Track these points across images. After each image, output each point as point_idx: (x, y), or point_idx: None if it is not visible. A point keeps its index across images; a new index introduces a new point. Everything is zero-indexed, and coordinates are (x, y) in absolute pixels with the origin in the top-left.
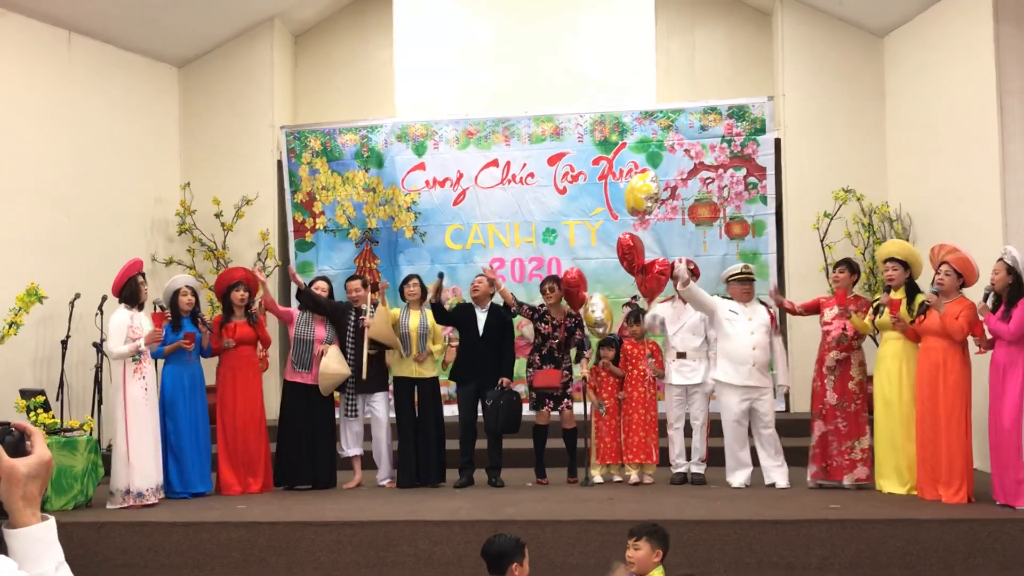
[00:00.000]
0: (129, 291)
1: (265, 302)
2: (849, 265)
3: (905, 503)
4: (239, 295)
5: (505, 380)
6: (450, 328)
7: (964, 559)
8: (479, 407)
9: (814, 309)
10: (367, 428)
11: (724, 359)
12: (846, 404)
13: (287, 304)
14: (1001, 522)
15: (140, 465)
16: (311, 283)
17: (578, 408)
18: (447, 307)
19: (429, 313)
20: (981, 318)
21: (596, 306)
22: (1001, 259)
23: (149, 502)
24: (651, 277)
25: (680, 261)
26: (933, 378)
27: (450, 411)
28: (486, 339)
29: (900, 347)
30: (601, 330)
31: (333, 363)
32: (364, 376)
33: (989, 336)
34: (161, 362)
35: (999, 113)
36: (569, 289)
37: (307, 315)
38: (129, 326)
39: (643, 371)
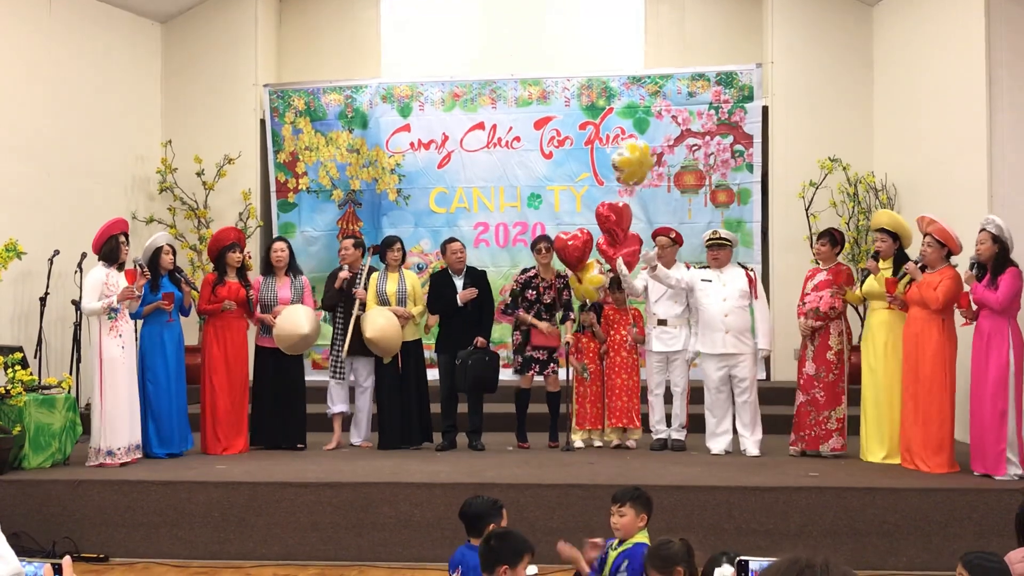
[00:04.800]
0: (108, 249)
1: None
2: (831, 237)
3: (884, 472)
4: (235, 256)
5: (480, 340)
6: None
7: (941, 528)
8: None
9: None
10: (352, 390)
11: (701, 328)
12: (824, 374)
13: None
14: (978, 492)
15: (112, 424)
16: (269, 245)
17: (561, 373)
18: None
19: (408, 275)
20: (967, 288)
21: (601, 273)
22: (985, 229)
23: (121, 461)
24: (630, 253)
25: (646, 253)
26: (914, 347)
27: (432, 374)
28: (465, 306)
29: (886, 317)
30: (602, 293)
31: (285, 323)
32: (345, 351)
33: (975, 307)
34: (140, 322)
35: (988, 84)
36: (576, 252)
37: (270, 279)
38: (104, 283)
39: (624, 337)
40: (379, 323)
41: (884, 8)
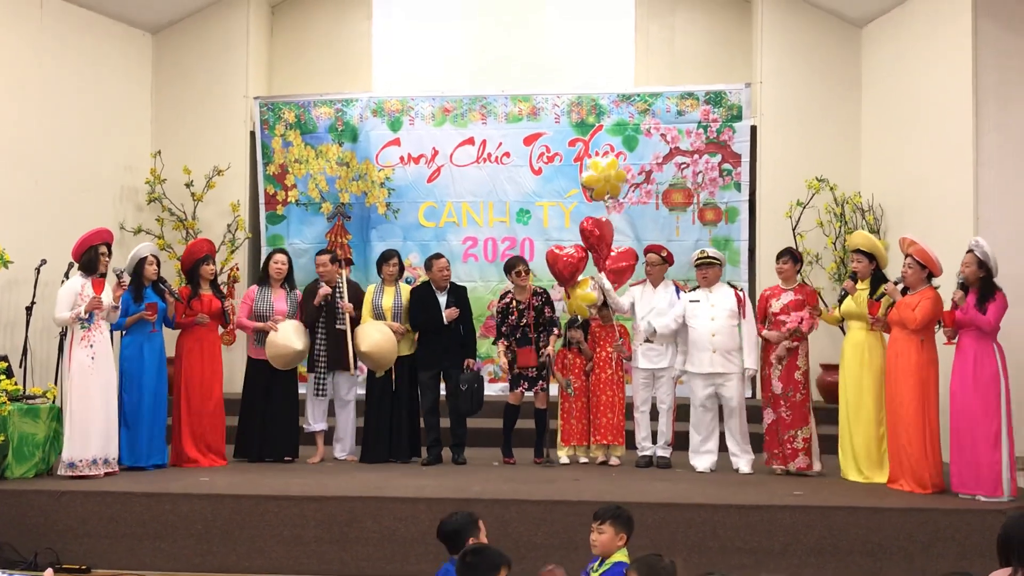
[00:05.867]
0: (87, 259)
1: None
2: (792, 255)
3: (868, 491)
4: (209, 268)
5: (471, 362)
6: None
7: (924, 548)
8: (442, 388)
9: (765, 310)
10: (331, 404)
11: (689, 347)
12: (791, 393)
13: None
14: (961, 512)
15: (76, 436)
16: (269, 256)
17: (551, 390)
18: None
19: (404, 289)
20: (956, 305)
21: (594, 290)
22: (971, 251)
23: (81, 473)
24: (613, 272)
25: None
26: (895, 368)
27: None
28: (448, 324)
29: (863, 337)
30: (593, 311)
31: (280, 338)
32: (353, 369)
33: (947, 327)
34: (122, 332)
35: (974, 107)
36: (566, 270)
37: (265, 290)
38: (79, 294)
39: (610, 353)
40: (375, 337)
41: (872, 30)
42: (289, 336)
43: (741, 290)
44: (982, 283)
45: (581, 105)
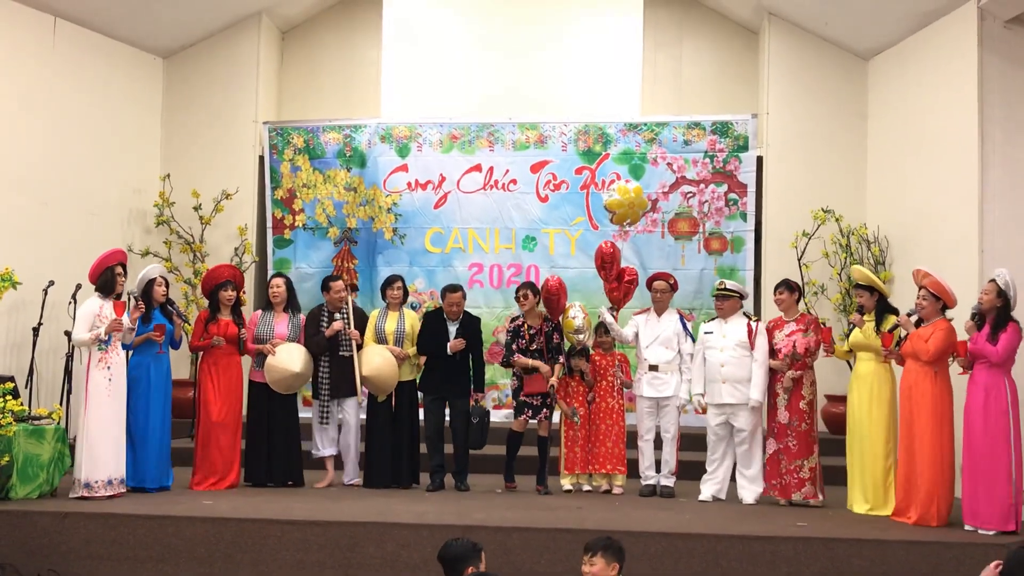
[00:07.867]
0: (104, 280)
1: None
2: (789, 286)
3: (871, 523)
4: (227, 294)
5: (479, 396)
6: None
7: None
8: (446, 414)
9: (770, 341)
10: (339, 429)
11: (706, 378)
12: (796, 423)
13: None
14: (964, 545)
15: (92, 457)
16: (270, 280)
17: (554, 418)
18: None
19: (408, 314)
20: (967, 336)
21: (577, 314)
22: (993, 280)
23: (99, 494)
24: (621, 285)
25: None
26: (908, 400)
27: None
28: (454, 354)
29: (872, 368)
30: (582, 337)
31: (278, 361)
32: (362, 399)
33: (960, 357)
34: (130, 352)
35: (980, 140)
36: (550, 297)
37: (268, 314)
38: (97, 315)
39: (611, 382)
40: (375, 362)
41: (878, 63)
42: (286, 359)
43: (755, 321)
44: (998, 313)
45: (588, 133)
